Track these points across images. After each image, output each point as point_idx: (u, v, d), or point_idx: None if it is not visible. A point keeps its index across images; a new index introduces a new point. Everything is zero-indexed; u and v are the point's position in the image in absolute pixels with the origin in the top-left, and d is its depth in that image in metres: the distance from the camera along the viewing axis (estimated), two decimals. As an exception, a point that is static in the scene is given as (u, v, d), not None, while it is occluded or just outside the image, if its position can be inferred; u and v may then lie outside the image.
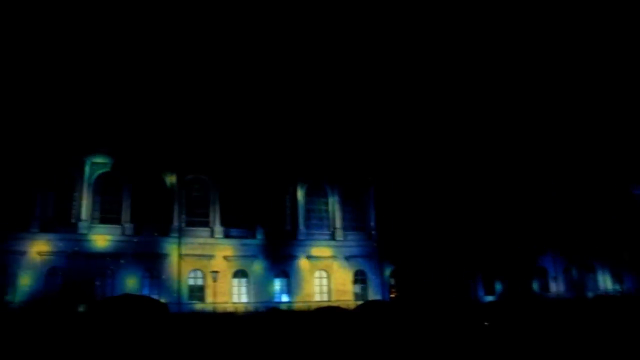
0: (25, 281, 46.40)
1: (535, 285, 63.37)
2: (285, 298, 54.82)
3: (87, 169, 50.75)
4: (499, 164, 60.85)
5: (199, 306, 50.27)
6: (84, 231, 49.38)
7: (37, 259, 47.21)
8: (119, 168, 51.67)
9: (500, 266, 61.64)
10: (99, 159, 51.35)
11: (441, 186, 58.14)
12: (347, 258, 57.37)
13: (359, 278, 57.84)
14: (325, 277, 56.83)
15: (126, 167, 51.73)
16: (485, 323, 30.63)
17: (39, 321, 35.32)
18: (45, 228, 48.40)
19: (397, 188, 58.78)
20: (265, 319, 28.94)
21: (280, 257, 55.11)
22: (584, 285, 66.35)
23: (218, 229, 54.01)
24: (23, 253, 46.87)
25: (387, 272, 58.64)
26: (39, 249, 47.43)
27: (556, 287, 64.65)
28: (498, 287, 61.69)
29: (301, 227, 57.00)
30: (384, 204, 58.94)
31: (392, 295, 58.03)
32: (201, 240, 53.18)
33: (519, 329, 26.85)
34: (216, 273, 49.19)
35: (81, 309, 44.94)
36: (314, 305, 48.52)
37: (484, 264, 61.21)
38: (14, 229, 47.04)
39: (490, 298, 60.01)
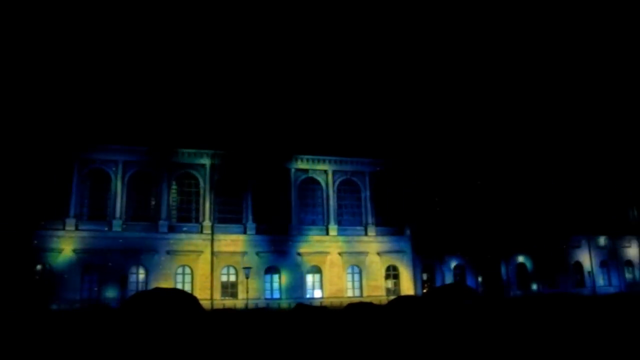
0: (62, 278, 47.53)
1: (570, 280, 62.28)
2: (317, 294, 54.85)
3: (120, 167, 51.66)
4: (531, 157, 59.78)
5: (231, 302, 50.69)
6: (118, 228, 50.30)
7: (73, 256, 48.31)
8: (152, 166, 52.36)
9: (533, 261, 60.93)
10: (132, 157, 52.13)
11: (473, 182, 57.43)
12: (380, 253, 57.11)
13: (392, 273, 57.55)
14: (358, 273, 56.68)
15: (158, 165, 52.37)
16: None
17: (75, 317, 35.99)
18: (81, 226, 49.58)
19: (429, 183, 58.24)
20: (292, 315, 28.97)
21: (312, 253, 55.13)
22: (623, 279, 65.08)
23: (250, 225, 54.33)
24: (60, 250, 48.09)
25: (420, 267, 58.27)
26: (74, 246, 48.55)
27: (592, 282, 63.46)
28: (532, 283, 60.93)
29: (334, 223, 56.97)
30: (417, 199, 58.44)
31: (425, 290, 57.67)
32: (233, 237, 53.54)
33: (544, 327, 26.37)
34: (248, 269, 49.49)
35: (115, 304, 45.80)
36: (346, 301, 48.14)
37: (517, 259, 60.57)
38: (50, 227, 48.32)
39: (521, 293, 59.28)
